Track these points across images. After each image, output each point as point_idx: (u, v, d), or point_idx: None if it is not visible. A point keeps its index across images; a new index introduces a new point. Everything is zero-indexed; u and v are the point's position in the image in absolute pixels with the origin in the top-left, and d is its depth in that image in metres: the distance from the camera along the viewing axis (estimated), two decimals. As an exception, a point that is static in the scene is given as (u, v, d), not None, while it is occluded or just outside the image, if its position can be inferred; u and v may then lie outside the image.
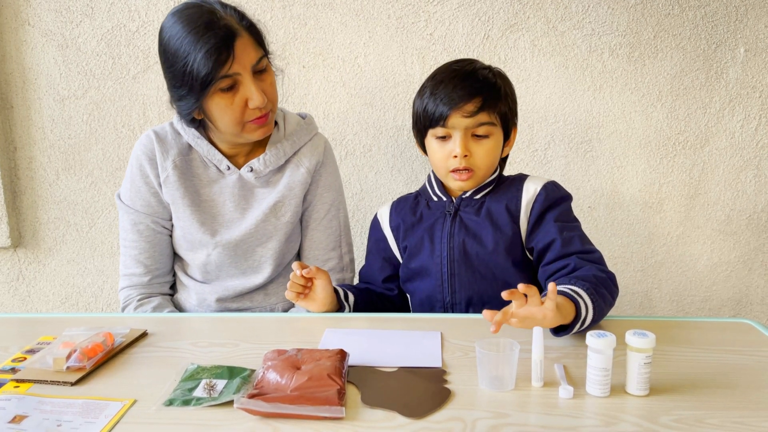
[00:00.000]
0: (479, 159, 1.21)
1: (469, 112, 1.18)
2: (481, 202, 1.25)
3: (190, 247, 1.37)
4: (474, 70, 1.22)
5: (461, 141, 1.19)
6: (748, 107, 1.86)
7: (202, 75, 1.16)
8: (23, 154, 1.98)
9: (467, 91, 1.18)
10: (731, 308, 2.02)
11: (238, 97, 1.21)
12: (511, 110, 1.25)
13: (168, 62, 1.21)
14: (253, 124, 1.25)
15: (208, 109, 1.23)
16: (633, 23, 1.82)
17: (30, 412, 0.81)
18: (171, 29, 1.19)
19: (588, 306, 0.99)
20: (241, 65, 1.19)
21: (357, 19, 1.85)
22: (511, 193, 1.23)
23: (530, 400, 0.84)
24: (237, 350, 1.02)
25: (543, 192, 1.21)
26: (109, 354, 0.99)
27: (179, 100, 1.23)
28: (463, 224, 1.24)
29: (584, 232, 1.21)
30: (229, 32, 1.16)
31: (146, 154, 1.34)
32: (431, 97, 1.21)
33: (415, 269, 1.28)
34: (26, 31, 1.90)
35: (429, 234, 1.27)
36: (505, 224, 1.21)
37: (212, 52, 1.15)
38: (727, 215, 1.94)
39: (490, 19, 1.83)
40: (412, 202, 1.34)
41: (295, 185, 1.36)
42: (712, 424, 0.77)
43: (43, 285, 2.08)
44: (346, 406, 0.82)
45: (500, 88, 1.22)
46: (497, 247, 1.20)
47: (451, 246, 1.23)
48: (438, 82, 1.22)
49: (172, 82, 1.22)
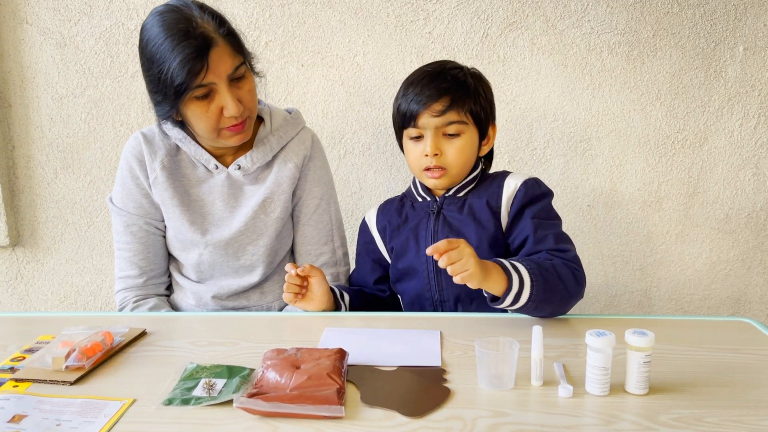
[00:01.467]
0: (451, 158, 1.22)
1: (437, 111, 1.19)
2: (463, 200, 1.26)
3: (182, 247, 1.37)
4: (443, 70, 1.23)
5: (432, 140, 1.21)
6: (747, 106, 1.86)
7: (176, 84, 1.14)
8: (21, 152, 1.98)
9: (435, 90, 1.20)
10: (730, 307, 2.02)
11: (213, 105, 1.20)
12: (484, 109, 1.24)
13: (145, 66, 1.20)
14: (228, 131, 1.24)
15: (184, 115, 1.23)
16: (632, 22, 1.82)
17: (29, 412, 0.81)
18: (150, 32, 1.17)
19: (524, 280, 1.02)
20: (216, 75, 1.17)
21: (356, 18, 1.85)
22: (492, 190, 1.24)
23: (530, 399, 0.84)
24: (236, 349, 1.02)
25: (523, 188, 1.21)
26: (108, 353, 0.99)
27: (156, 104, 1.23)
28: (446, 222, 1.25)
29: (563, 231, 1.21)
30: (204, 41, 1.14)
31: (135, 156, 1.34)
32: (403, 98, 1.23)
33: (402, 269, 1.29)
34: (24, 29, 1.89)
35: (414, 234, 1.28)
36: (487, 220, 1.22)
37: (186, 62, 1.13)
38: (726, 214, 1.94)
39: (489, 18, 1.83)
40: (397, 204, 1.35)
41: (283, 181, 1.35)
42: (712, 423, 0.77)
43: (42, 284, 2.08)
44: (346, 406, 0.82)
45: (471, 87, 1.22)
46: (480, 244, 1.20)
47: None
48: (409, 83, 1.24)
49: (149, 86, 1.22)
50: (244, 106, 1.22)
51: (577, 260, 1.15)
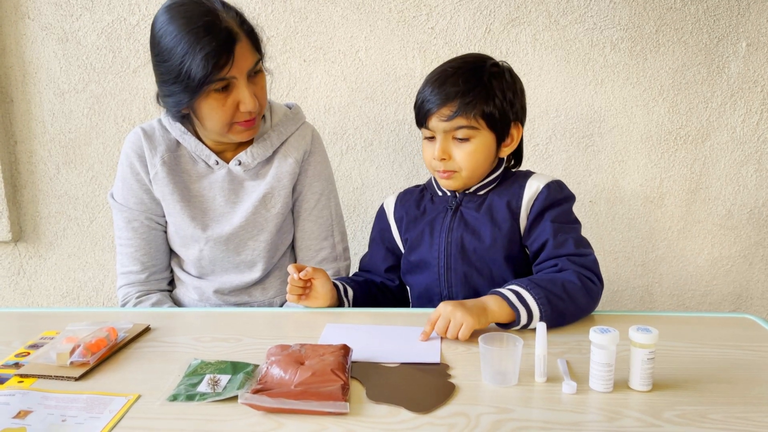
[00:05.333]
0: (460, 162, 1.20)
1: (445, 116, 1.17)
2: (483, 198, 1.25)
3: (182, 242, 1.37)
4: (459, 69, 1.19)
5: (440, 144, 1.19)
6: (749, 102, 1.86)
7: (200, 77, 1.15)
8: (23, 148, 1.98)
9: (444, 95, 1.17)
10: (731, 303, 2.02)
11: (230, 99, 1.21)
12: (501, 110, 1.19)
13: (161, 58, 1.19)
14: (240, 126, 1.26)
15: (198, 108, 1.23)
16: (635, 17, 1.82)
17: (34, 407, 0.81)
18: (167, 25, 1.17)
19: (533, 312, 1.03)
20: (239, 70, 1.19)
21: (358, 13, 1.84)
22: (514, 190, 1.22)
23: (533, 395, 0.84)
24: (240, 345, 1.02)
25: (545, 191, 1.19)
26: (113, 349, 0.99)
27: (169, 95, 1.22)
28: (463, 219, 1.24)
29: (582, 235, 1.20)
30: (230, 36, 1.16)
31: (135, 152, 1.34)
32: (421, 95, 1.21)
33: (414, 262, 1.29)
34: (26, 24, 1.89)
35: (429, 228, 1.27)
36: (505, 221, 1.20)
37: (212, 56, 1.14)
38: (728, 210, 1.94)
39: (492, 13, 1.82)
40: (417, 195, 1.34)
41: (283, 176, 1.36)
42: (716, 419, 0.77)
43: (44, 279, 2.08)
44: (350, 402, 0.82)
45: (485, 89, 1.17)
46: (495, 243, 1.20)
47: (449, 240, 1.23)
48: (428, 81, 1.21)
49: (164, 78, 1.21)
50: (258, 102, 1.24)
51: (595, 265, 1.14)
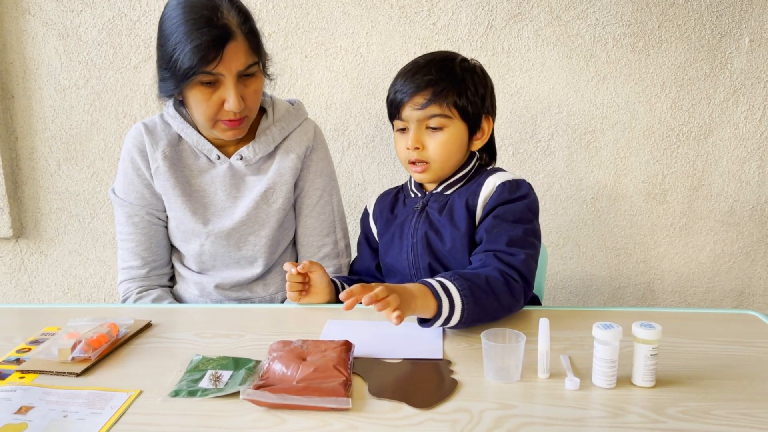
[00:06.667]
0: (432, 151, 1.19)
1: (419, 104, 1.17)
2: (447, 199, 1.23)
3: (183, 237, 1.37)
4: (431, 61, 1.20)
5: (413, 133, 1.19)
6: (752, 98, 1.85)
7: (185, 67, 1.16)
8: (24, 144, 1.97)
9: (417, 83, 1.17)
10: (733, 299, 2.02)
11: (216, 95, 1.21)
12: (473, 103, 1.19)
13: (160, 42, 1.22)
14: (224, 124, 1.25)
15: (186, 97, 1.24)
16: (637, 13, 1.81)
17: (36, 403, 0.81)
18: (172, 11, 1.19)
19: (455, 303, 0.98)
20: (227, 68, 1.18)
21: (359, 9, 1.84)
22: (473, 189, 1.20)
23: (536, 391, 0.84)
24: (242, 341, 1.02)
25: (499, 189, 1.16)
26: (114, 345, 0.99)
27: (161, 80, 1.24)
28: (428, 220, 1.23)
29: (524, 236, 1.13)
30: (224, 33, 1.16)
31: (136, 146, 1.34)
32: (392, 88, 1.22)
33: (387, 265, 1.30)
34: (27, 20, 1.88)
35: (399, 231, 1.27)
36: (462, 221, 1.18)
37: (201, 49, 1.14)
38: (731, 206, 1.94)
39: (494, 9, 1.82)
40: (392, 197, 1.34)
41: (285, 171, 1.35)
42: (719, 416, 0.77)
43: (45, 275, 2.08)
44: (352, 397, 0.82)
45: (457, 80, 1.17)
46: (455, 244, 1.18)
47: (414, 241, 1.22)
48: (399, 74, 1.22)
49: (159, 61, 1.23)
50: (245, 105, 1.23)
51: (524, 266, 1.09)
